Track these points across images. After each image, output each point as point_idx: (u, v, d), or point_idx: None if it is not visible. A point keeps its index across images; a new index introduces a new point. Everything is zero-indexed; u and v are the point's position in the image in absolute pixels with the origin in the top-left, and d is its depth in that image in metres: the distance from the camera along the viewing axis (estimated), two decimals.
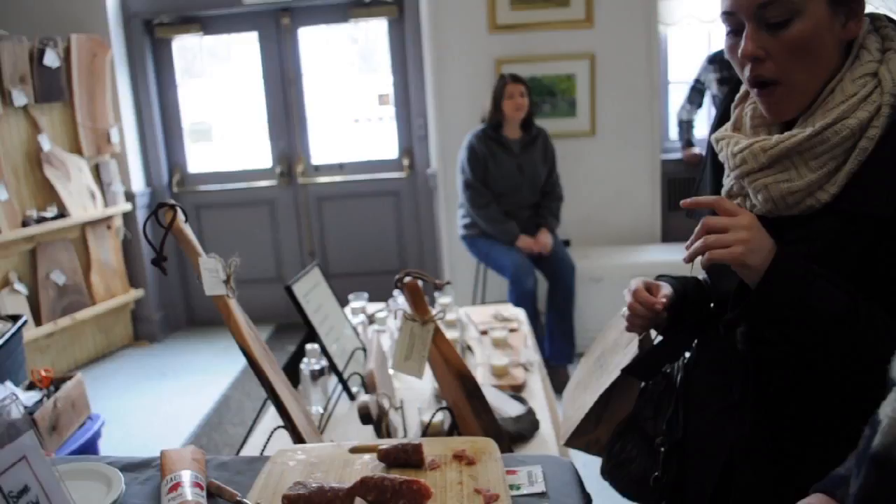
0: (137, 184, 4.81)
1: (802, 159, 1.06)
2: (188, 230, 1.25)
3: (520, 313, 2.53)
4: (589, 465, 1.48)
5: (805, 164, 1.05)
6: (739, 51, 1.06)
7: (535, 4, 4.27)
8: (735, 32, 1.08)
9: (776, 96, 1.08)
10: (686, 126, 4.56)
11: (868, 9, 1.08)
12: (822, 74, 1.06)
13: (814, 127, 1.04)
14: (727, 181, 1.19)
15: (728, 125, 1.22)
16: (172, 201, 1.26)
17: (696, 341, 1.34)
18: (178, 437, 3.51)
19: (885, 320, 0.99)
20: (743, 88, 1.19)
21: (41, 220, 4.12)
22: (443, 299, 2.40)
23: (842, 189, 1.04)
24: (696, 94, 4.46)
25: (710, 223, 1.04)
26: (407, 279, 1.27)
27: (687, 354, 1.38)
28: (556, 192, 3.98)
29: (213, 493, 1.12)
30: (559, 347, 3.88)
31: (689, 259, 1.07)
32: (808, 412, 1.10)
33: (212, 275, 1.23)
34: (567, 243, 4.15)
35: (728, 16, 1.08)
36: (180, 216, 1.24)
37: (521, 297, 3.70)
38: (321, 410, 1.82)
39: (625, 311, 1.31)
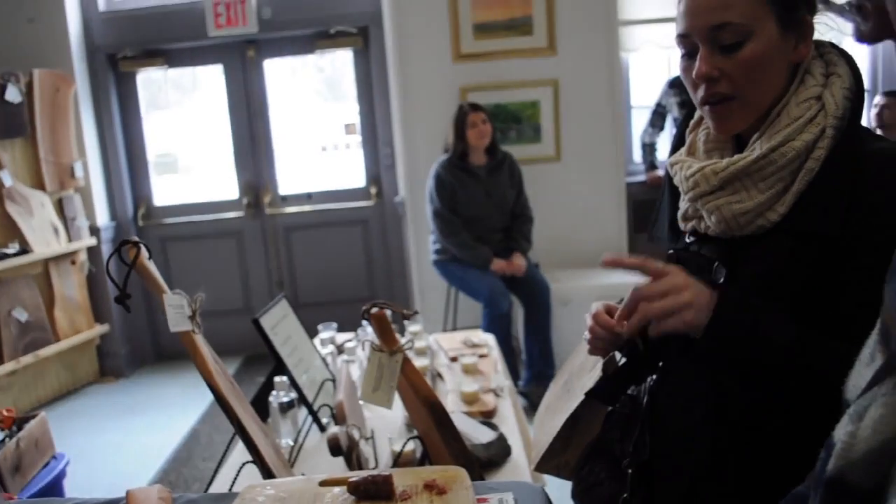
0: (102, 218, 4.75)
1: (752, 181, 1.09)
2: (152, 267, 1.25)
3: (490, 339, 2.54)
4: (564, 489, 1.49)
5: (755, 186, 1.09)
6: (694, 72, 1.10)
7: (499, 33, 4.33)
8: (690, 55, 1.12)
9: (728, 111, 1.11)
10: (649, 149, 4.65)
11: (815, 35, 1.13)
12: (772, 93, 1.10)
13: (762, 149, 1.08)
14: (682, 204, 1.22)
15: (683, 150, 1.26)
16: (136, 238, 1.26)
17: (660, 363, 1.35)
18: (147, 473, 3.44)
19: (834, 345, 1.01)
20: (697, 114, 1.23)
21: (3, 256, 4.05)
22: (412, 327, 2.40)
23: (790, 209, 1.07)
24: (657, 118, 4.56)
25: (646, 292, 1.05)
26: (374, 310, 1.27)
27: (653, 376, 1.39)
28: (525, 213, 4.02)
29: None
30: (540, 369, 3.89)
31: (631, 333, 1.10)
32: (769, 432, 1.12)
33: (176, 311, 1.23)
34: (536, 266, 4.18)
35: (683, 38, 1.12)
36: (144, 253, 1.24)
37: (496, 320, 3.72)
38: (291, 443, 1.81)
39: (586, 334, 1.33)
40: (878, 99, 4.23)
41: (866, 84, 4.75)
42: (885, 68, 4.75)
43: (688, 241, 1.24)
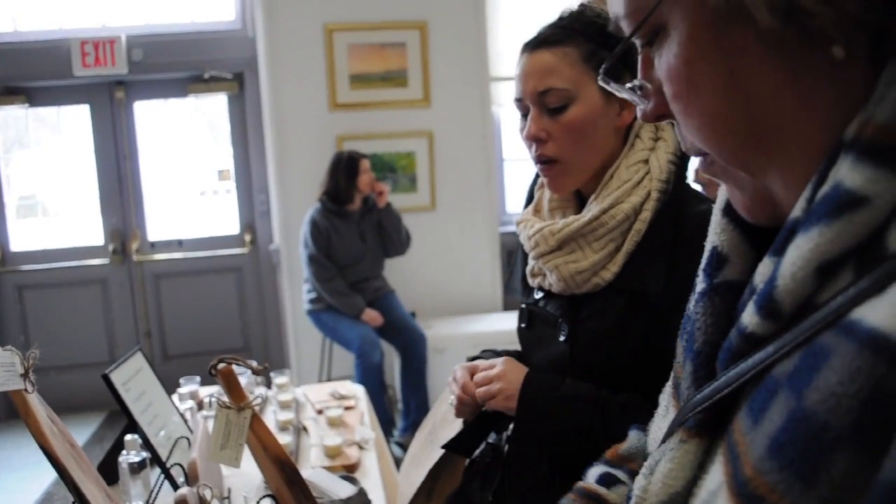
0: None
1: (586, 241, 1.16)
2: None
3: (359, 390, 2.52)
4: None
5: (589, 246, 1.16)
6: (524, 132, 1.17)
7: (374, 84, 4.40)
8: (525, 116, 1.19)
9: (555, 172, 1.19)
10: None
11: None
12: (598, 155, 1.18)
13: (593, 212, 1.15)
14: (530, 261, 1.28)
15: (530, 208, 1.32)
16: None
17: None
18: None
19: (640, 407, 1.08)
20: None
21: None
22: (279, 379, 2.36)
23: (622, 268, 1.15)
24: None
25: (476, 381, 1.25)
26: (220, 365, 1.24)
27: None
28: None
29: None
30: (416, 419, 3.88)
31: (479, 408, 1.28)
32: None
33: (6, 369, 1.16)
34: (413, 315, 4.21)
35: (518, 101, 1.19)
36: None
37: (368, 370, 3.70)
38: None
39: (452, 399, 1.35)
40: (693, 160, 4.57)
41: None
42: None
43: (537, 296, 1.30)
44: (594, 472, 0.86)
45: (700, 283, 0.61)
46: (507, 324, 4.23)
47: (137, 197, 4.74)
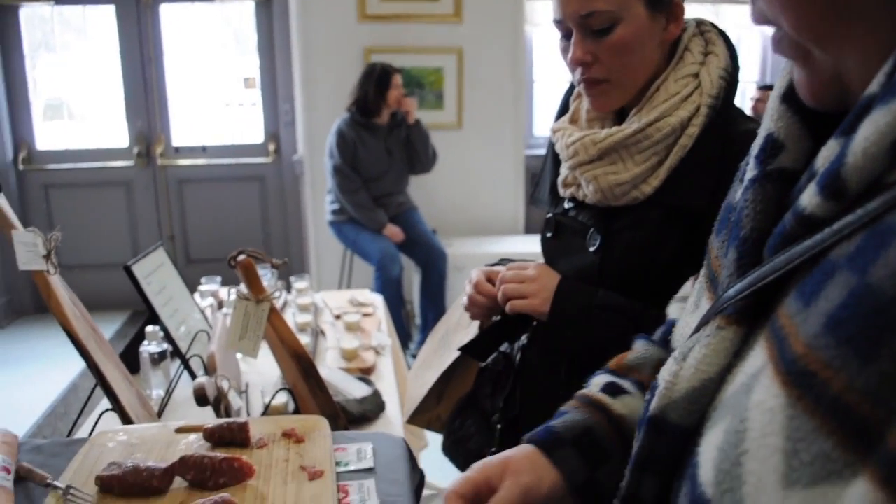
0: None
1: (629, 153, 1.13)
2: (2, 200, 1.18)
3: (377, 299, 2.54)
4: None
5: (631, 158, 1.13)
6: (569, 56, 1.13)
7: None
8: (566, 37, 1.15)
9: (602, 92, 1.15)
10: None
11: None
12: (645, 72, 1.14)
13: (640, 123, 1.12)
14: (563, 170, 1.26)
15: (566, 117, 1.28)
16: None
17: (533, 324, 1.39)
18: (19, 428, 3.28)
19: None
20: None
21: None
22: (299, 283, 2.38)
23: (663, 183, 1.12)
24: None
25: (505, 278, 1.22)
26: (241, 257, 1.25)
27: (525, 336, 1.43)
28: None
29: (22, 476, 1.07)
30: None
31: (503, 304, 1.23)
32: None
33: (28, 249, 1.17)
34: (434, 232, 4.21)
35: (558, 23, 1.14)
36: None
37: (387, 284, 3.73)
38: (162, 394, 1.76)
39: (464, 300, 1.35)
40: (752, 93, 4.45)
41: (756, 75, 4.98)
42: (774, 59, 4.96)
43: (566, 206, 1.27)
44: (598, 380, 0.85)
45: (751, 171, 0.59)
46: (528, 246, 4.23)
47: (162, 101, 4.71)
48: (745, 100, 4.58)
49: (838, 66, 0.50)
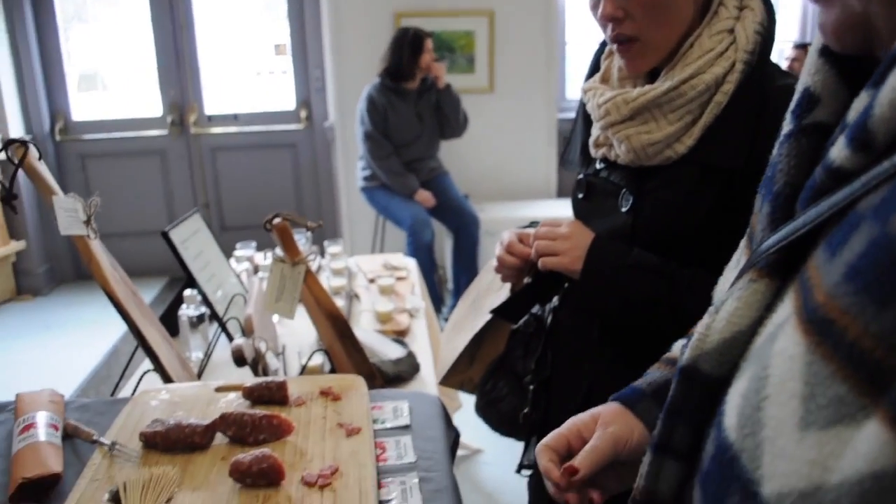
0: (16, 131, 4.53)
1: (661, 112, 1.10)
2: (42, 168, 1.20)
3: (410, 262, 2.55)
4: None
5: (664, 117, 1.10)
6: (599, 12, 1.10)
7: None
8: None
9: (634, 51, 1.12)
10: None
11: None
12: (678, 29, 1.11)
13: (672, 81, 1.09)
14: (594, 130, 1.24)
15: (597, 76, 1.26)
16: (25, 138, 1.20)
17: (565, 285, 1.39)
18: (63, 391, 3.38)
19: (708, 281, 1.06)
20: None
21: None
22: (332, 248, 2.39)
23: (697, 142, 1.09)
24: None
25: (539, 235, 1.20)
26: (277, 220, 1.26)
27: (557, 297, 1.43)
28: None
29: (69, 433, 1.10)
30: None
31: (536, 260, 1.22)
32: (656, 352, 1.17)
33: (69, 214, 1.19)
34: (466, 197, 4.20)
35: None
36: (33, 153, 1.19)
37: (419, 249, 3.74)
38: (201, 356, 1.80)
39: (493, 262, 1.35)
40: (788, 52, 4.33)
41: (796, 34, 4.84)
42: (814, 18, 4.82)
43: (598, 167, 1.26)
44: (679, 342, 0.86)
45: (787, 125, 0.59)
46: (560, 210, 4.20)
47: (194, 70, 4.73)
48: (780, 60, 4.46)
49: (867, 12, 0.49)
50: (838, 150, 0.47)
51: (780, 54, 4.51)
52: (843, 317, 0.41)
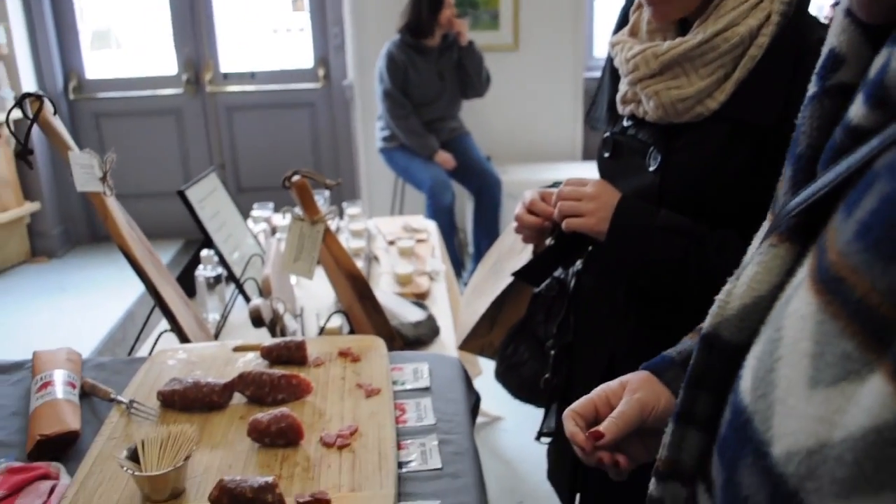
0: (29, 89, 4.50)
1: (693, 66, 1.06)
2: (57, 122, 1.17)
3: (430, 225, 2.52)
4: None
5: (695, 72, 1.06)
6: None
7: None
8: None
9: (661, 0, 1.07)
10: None
11: None
12: None
13: (705, 33, 1.04)
14: (622, 86, 1.19)
15: (625, 30, 1.21)
16: (39, 92, 1.17)
17: (589, 248, 1.35)
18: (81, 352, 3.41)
19: (738, 244, 1.02)
20: None
21: None
22: (351, 209, 2.36)
23: (729, 97, 1.05)
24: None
25: (563, 194, 1.15)
26: (296, 178, 1.23)
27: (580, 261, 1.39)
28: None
29: (87, 392, 1.09)
30: None
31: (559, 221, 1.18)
32: (683, 317, 1.13)
33: (85, 171, 1.16)
34: (488, 159, 4.15)
35: None
36: (48, 108, 1.16)
37: (438, 212, 3.70)
38: (218, 318, 1.79)
39: (514, 223, 1.31)
40: (827, 11, 4.20)
41: None
42: None
43: (625, 124, 1.21)
44: None
45: (812, 87, 0.58)
46: (585, 172, 4.12)
47: (209, 27, 4.67)
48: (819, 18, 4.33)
49: None
50: (856, 108, 0.47)
51: (820, 12, 4.38)
52: (852, 274, 0.41)
